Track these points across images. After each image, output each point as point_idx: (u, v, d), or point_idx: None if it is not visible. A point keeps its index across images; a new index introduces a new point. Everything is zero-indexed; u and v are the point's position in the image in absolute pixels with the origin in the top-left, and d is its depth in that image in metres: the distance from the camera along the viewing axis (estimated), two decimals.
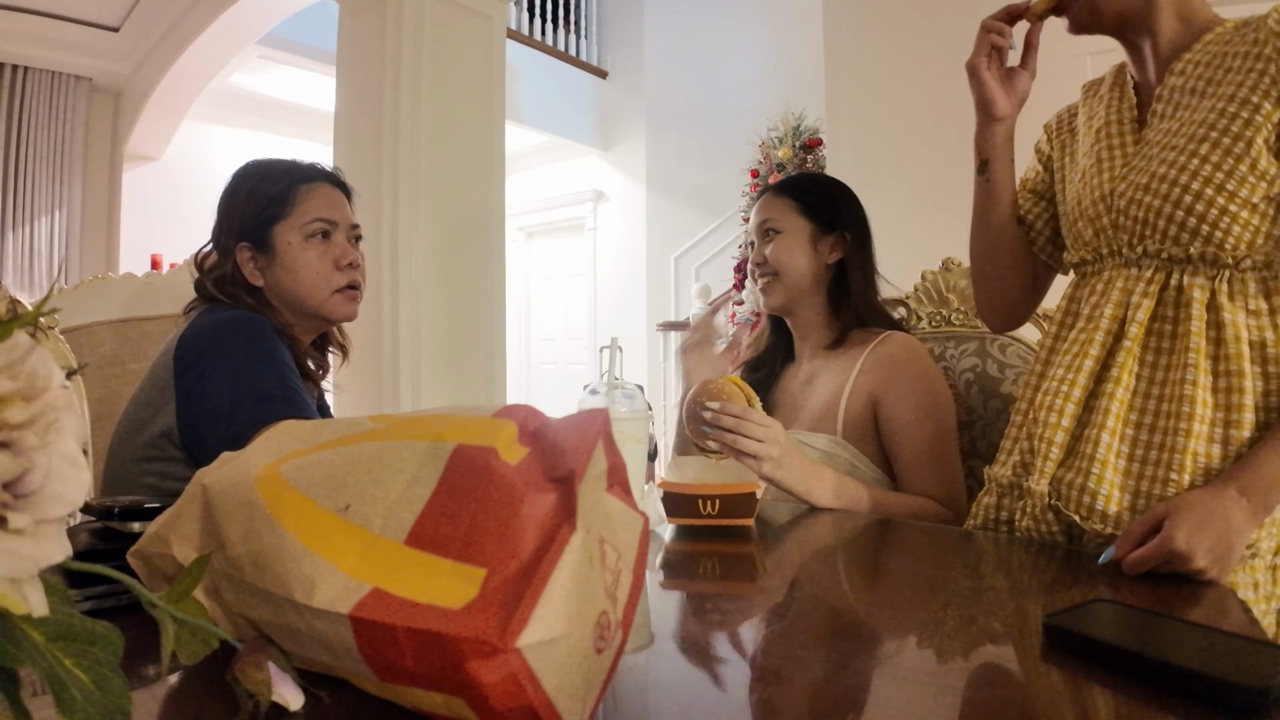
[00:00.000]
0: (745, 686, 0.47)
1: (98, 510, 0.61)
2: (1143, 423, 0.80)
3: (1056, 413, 0.84)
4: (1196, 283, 0.79)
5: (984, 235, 1.00)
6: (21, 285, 4.31)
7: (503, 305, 2.91)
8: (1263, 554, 0.76)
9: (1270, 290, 0.78)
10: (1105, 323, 0.83)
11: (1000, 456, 0.94)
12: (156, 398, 1.04)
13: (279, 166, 1.15)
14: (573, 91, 6.28)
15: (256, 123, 5.50)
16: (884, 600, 0.67)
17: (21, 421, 0.25)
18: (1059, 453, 0.83)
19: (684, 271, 5.89)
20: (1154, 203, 0.80)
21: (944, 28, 2.69)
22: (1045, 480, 0.83)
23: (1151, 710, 0.41)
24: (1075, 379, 0.83)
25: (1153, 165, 0.81)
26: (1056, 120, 1.02)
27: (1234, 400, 0.75)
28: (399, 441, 0.42)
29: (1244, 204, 0.76)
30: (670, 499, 0.85)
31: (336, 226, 1.14)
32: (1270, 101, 0.75)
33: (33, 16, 4.10)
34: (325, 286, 1.12)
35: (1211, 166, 0.76)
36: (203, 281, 1.12)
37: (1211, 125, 0.78)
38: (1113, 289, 0.84)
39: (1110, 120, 0.89)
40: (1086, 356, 0.83)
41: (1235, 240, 0.77)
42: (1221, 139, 0.76)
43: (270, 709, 0.37)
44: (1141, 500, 0.77)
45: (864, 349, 1.16)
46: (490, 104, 2.88)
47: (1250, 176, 0.75)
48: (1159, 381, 0.80)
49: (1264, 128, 0.75)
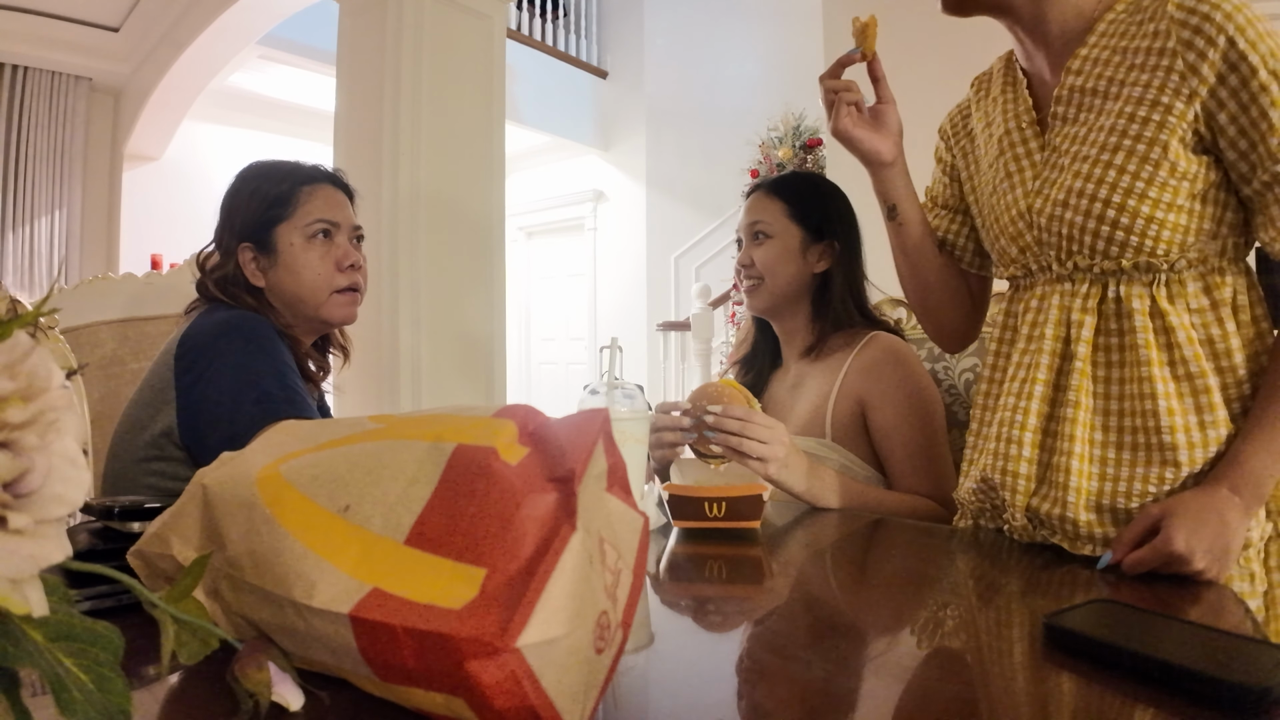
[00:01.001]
0: (746, 687, 0.47)
1: (98, 510, 0.61)
2: (1110, 441, 0.77)
3: (1016, 444, 0.81)
4: (1135, 291, 0.76)
5: (912, 274, 1.00)
6: (21, 285, 4.31)
7: (503, 305, 2.91)
8: (1254, 544, 0.75)
9: (1209, 285, 0.76)
10: (1049, 343, 0.81)
11: (963, 481, 0.91)
12: (157, 398, 1.04)
13: (282, 167, 1.16)
14: (573, 91, 6.29)
15: (256, 123, 5.50)
16: (884, 600, 0.67)
17: (21, 421, 0.25)
18: (1026, 484, 0.81)
19: (684, 271, 5.90)
20: (1075, 219, 0.77)
21: (943, 28, 2.68)
22: (1020, 514, 0.81)
23: (1151, 710, 0.41)
24: (1028, 406, 0.81)
25: (1065, 178, 0.78)
26: (950, 123, 0.99)
27: (1203, 401, 0.74)
28: (399, 442, 0.42)
29: (1169, 207, 0.73)
30: (676, 502, 0.84)
31: (339, 227, 1.15)
32: (1181, 100, 0.72)
33: (33, 16, 4.10)
34: (326, 287, 1.13)
35: (1130, 176, 0.74)
36: (205, 281, 1.12)
37: (1123, 132, 0.75)
38: (1049, 306, 0.82)
39: (1010, 128, 0.86)
40: (1036, 382, 0.81)
41: (1166, 245, 0.74)
42: (1136, 145, 0.74)
43: (270, 709, 0.37)
44: (1122, 515, 0.75)
45: (849, 352, 1.16)
46: (490, 104, 2.88)
47: (1171, 180, 0.73)
48: (1117, 397, 0.78)
49: (1178, 128, 0.72)
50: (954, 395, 1.31)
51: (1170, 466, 0.74)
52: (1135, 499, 0.75)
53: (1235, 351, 0.75)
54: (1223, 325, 0.75)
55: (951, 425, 1.29)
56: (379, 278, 2.59)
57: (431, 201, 2.68)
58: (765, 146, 5.10)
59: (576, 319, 6.75)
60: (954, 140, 0.98)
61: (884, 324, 1.23)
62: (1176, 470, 0.73)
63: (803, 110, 4.97)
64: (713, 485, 0.88)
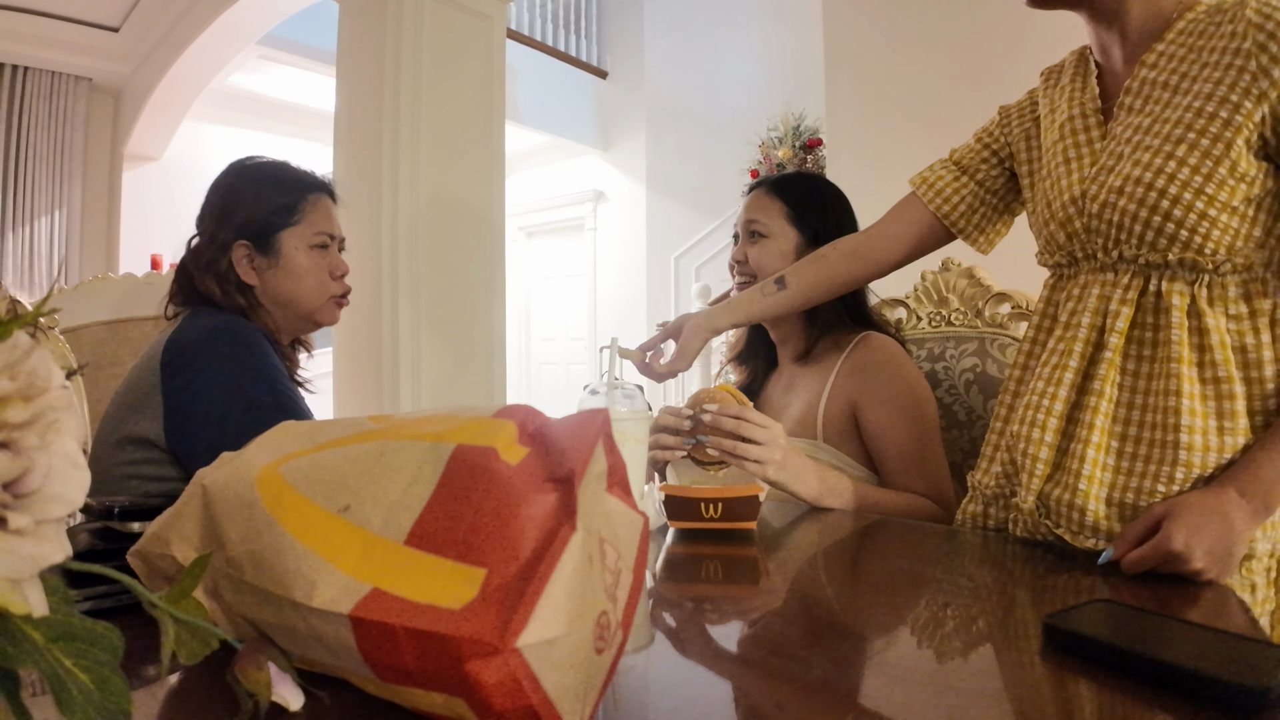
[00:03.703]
0: (745, 687, 0.47)
1: (98, 510, 0.61)
2: (1128, 434, 0.78)
3: (1039, 428, 0.82)
4: (1176, 288, 0.76)
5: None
6: (21, 285, 4.31)
7: (503, 305, 2.91)
8: (1259, 556, 0.75)
9: (1250, 293, 0.76)
10: (1084, 331, 0.81)
11: (982, 464, 0.92)
12: (139, 402, 1.03)
13: (287, 173, 1.19)
14: (573, 91, 6.29)
15: (256, 123, 5.50)
16: (884, 600, 0.67)
17: (21, 421, 0.25)
18: (1044, 469, 0.81)
19: (684, 271, 5.89)
20: (1129, 207, 0.77)
21: (944, 28, 2.69)
22: (1032, 497, 0.81)
23: (1152, 710, 0.41)
24: (1056, 392, 0.81)
25: (1125, 166, 0.78)
26: (1018, 108, 0.98)
27: (1226, 407, 0.74)
28: (399, 442, 0.42)
29: (1224, 207, 0.73)
30: (673, 502, 0.84)
31: (334, 240, 1.21)
32: (1250, 100, 0.72)
33: (33, 16, 4.10)
34: (325, 294, 1.18)
35: (1190, 169, 0.74)
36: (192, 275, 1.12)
37: (1189, 125, 0.75)
38: (1089, 295, 0.82)
39: (1074, 114, 0.86)
40: (1066, 369, 0.81)
41: (1215, 244, 0.74)
42: (1200, 140, 0.74)
43: (270, 709, 0.37)
44: (1129, 512, 0.75)
45: (840, 353, 1.16)
46: (490, 104, 2.88)
47: (1230, 179, 0.73)
48: (1143, 391, 0.78)
49: (1244, 128, 0.72)
50: (954, 395, 1.31)
51: (1181, 467, 0.73)
52: (1145, 496, 0.75)
53: (1267, 364, 0.75)
54: (1258, 335, 0.75)
55: (951, 425, 1.29)
56: (379, 277, 2.59)
57: (431, 201, 2.68)
58: (765, 146, 5.10)
59: (576, 319, 6.75)
60: (1018, 121, 0.97)
61: (878, 325, 1.23)
62: (1187, 471, 0.73)
63: (803, 110, 4.97)
64: (709, 486, 0.88)
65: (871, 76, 2.99)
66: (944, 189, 1.01)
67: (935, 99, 2.67)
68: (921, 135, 2.70)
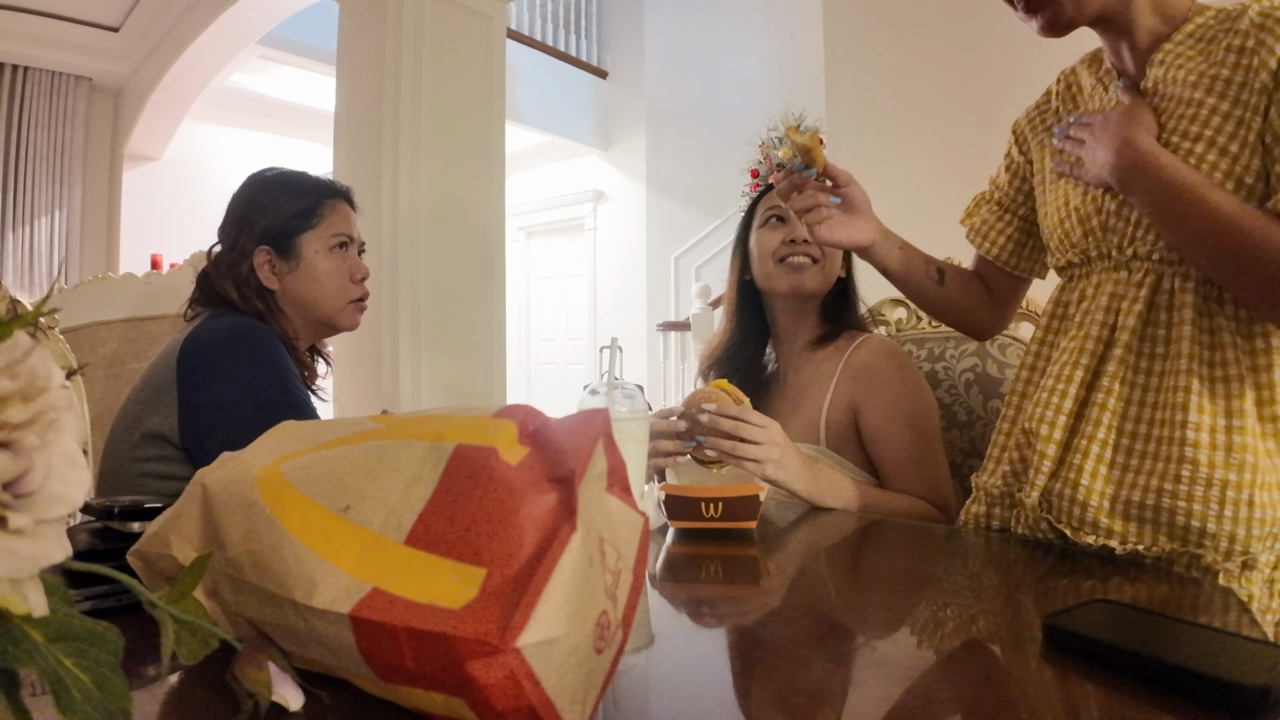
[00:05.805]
0: (745, 687, 0.47)
1: (98, 510, 0.61)
2: (1136, 432, 0.78)
3: (1049, 425, 0.82)
4: (1188, 286, 0.77)
5: (928, 306, 1.06)
6: (21, 285, 4.31)
7: (503, 305, 2.91)
8: (1260, 567, 0.74)
9: None
10: (1095, 329, 0.82)
11: (989, 465, 0.92)
12: (156, 398, 1.05)
13: (305, 179, 1.21)
14: (573, 91, 6.29)
15: (256, 123, 5.49)
16: (884, 600, 0.67)
17: (21, 421, 0.25)
18: (1050, 465, 0.81)
19: (684, 271, 5.89)
20: None
21: (944, 27, 2.69)
22: (1036, 492, 0.81)
23: (1152, 710, 0.41)
24: (1066, 390, 0.82)
25: None
26: (1028, 120, 0.99)
27: (1235, 406, 0.74)
28: (399, 442, 0.42)
29: None
30: (673, 502, 0.84)
31: (352, 241, 1.22)
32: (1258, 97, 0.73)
33: (33, 16, 4.10)
34: (344, 296, 1.20)
35: (1209, 166, 0.75)
36: (214, 280, 1.14)
37: (1204, 123, 0.76)
38: (1102, 294, 0.83)
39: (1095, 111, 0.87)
40: (1077, 366, 0.82)
41: None
42: (1215, 138, 0.75)
43: (270, 709, 0.37)
44: (1134, 510, 0.76)
45: (841, 356, 1.16)
46: (490, 104, 2.88)
47: (1246, 177, 0.74)
48: (1151, 389, 0.78)
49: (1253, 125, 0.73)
50: (954, 395, 1.31)
51: (1187, 465, 0.73)
52: (1150, 494, 0.75)
53: (1276, 367, 0.75)
54: (1268, 339, 0.75)
55: (951, 425, 1.29)
56: (379, 277, 2.59)
57: (431, 201, 2.68)
58: (765, 146, 5.10)
59: (576, 319, 6.75)
60: (1031, 135, 0.98)
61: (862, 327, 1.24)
62: (1193, 469, 0.73)
63: (803, 110, 4.96)
64: (709, 485, 0.88)
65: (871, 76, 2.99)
66: (989, 232, 1.02)
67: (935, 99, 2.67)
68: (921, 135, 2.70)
